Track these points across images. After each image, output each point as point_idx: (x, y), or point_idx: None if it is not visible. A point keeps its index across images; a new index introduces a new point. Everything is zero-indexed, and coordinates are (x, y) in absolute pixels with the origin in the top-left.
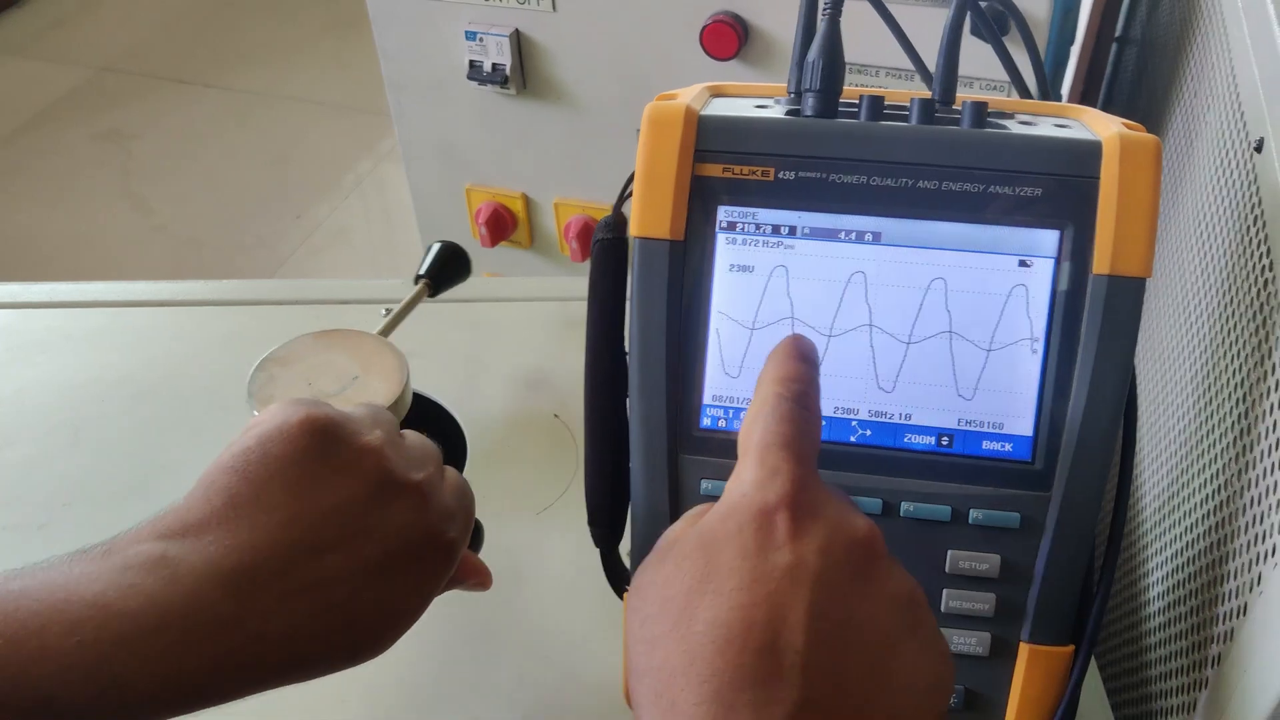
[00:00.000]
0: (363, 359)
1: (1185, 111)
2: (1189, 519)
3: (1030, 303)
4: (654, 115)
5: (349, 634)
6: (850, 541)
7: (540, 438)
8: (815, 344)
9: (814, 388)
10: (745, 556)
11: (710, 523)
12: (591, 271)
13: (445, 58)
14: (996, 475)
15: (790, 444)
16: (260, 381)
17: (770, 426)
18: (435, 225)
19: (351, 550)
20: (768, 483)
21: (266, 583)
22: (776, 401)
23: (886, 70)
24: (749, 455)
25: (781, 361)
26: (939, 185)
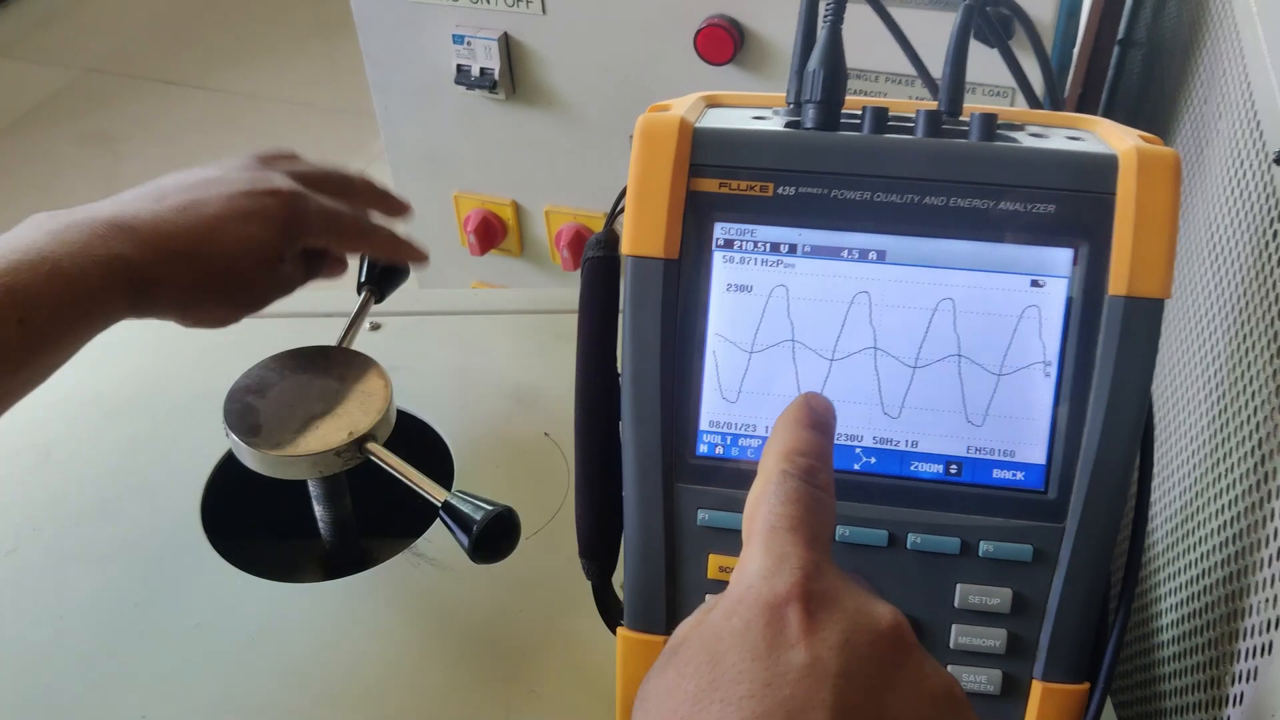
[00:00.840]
0: (341, 376)
1: (1195, 119)
2: (1203, 547)
3: (1043, 325)
4: (646, 127)
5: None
6: (875, 633)
7: (530, 457)
8: (831, 404)
9: (825, 460)
10: (755, 658)
11: (714, 621)
12: (581, 291)
13: (432, 61)
14: (1008, 505)
15: (799, 526)
16: (238, 412)
17: (775, 508)
18: (423, 233)
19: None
20: (775, 571)
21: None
22: (782, 479)
23: (886, 76)
24: (753, 541)
25: (788, 429)
26: (947, 201)
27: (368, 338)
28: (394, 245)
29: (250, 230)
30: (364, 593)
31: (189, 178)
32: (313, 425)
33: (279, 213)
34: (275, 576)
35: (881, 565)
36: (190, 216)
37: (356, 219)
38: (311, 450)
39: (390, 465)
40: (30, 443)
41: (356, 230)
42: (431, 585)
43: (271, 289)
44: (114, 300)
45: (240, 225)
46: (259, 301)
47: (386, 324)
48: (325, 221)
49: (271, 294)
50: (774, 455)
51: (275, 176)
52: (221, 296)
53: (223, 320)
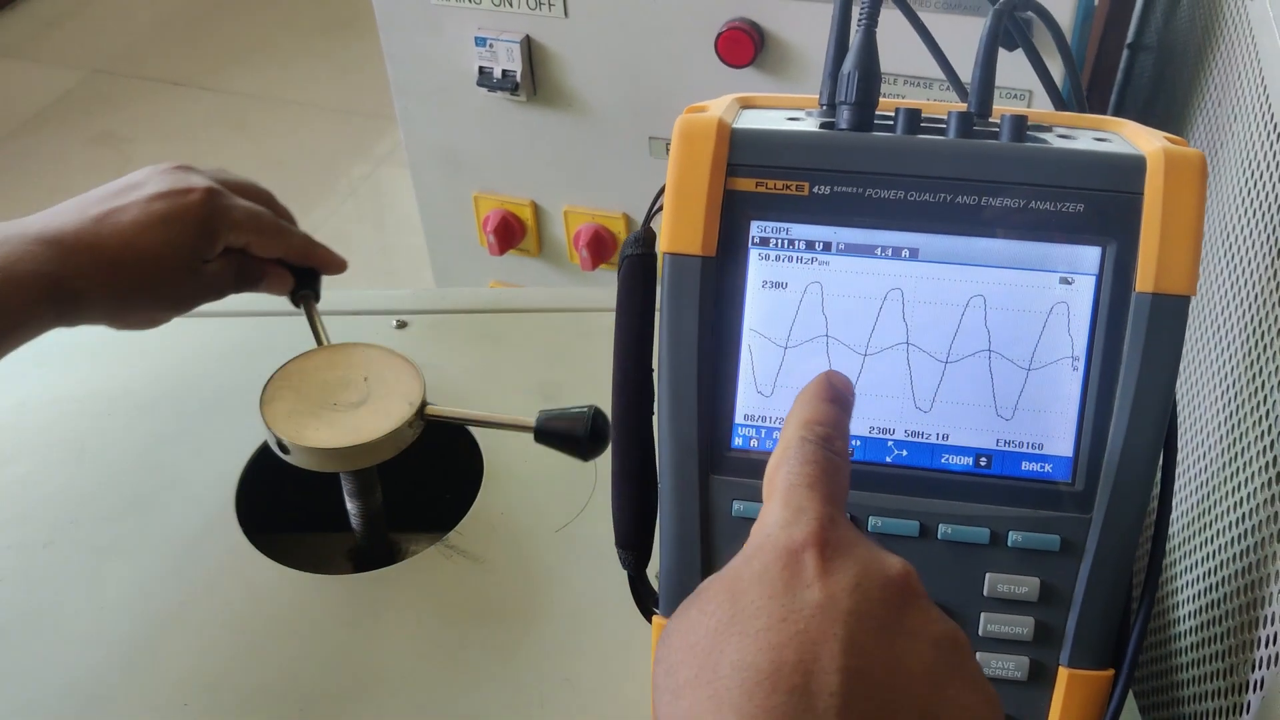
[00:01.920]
0: (376, 373)
1: (1208, 122)
2: (1222, 538)
3: (1071, 321)
4: (685, 129)
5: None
6: (885, 578)
7: (558, 454)
8: (850, 382)
9: (841, 431)
10: (773, 596)
11: (735, 565)
12: (619, 288)
13: (454, 63)
14: (1036, 497)
15: (816, 484)
16: (272, 401)
17: (795, 468)
18: (442, 233)
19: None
20: (794, 522)
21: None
22: (800, 444)
23: (906, 79)
24: (773, 497)
25: (808, 402)
26: (978, 200)
27: (394, 335)
28: (313, 248)
29: (169, 232)
30: (398, 584)
31: (111, 187)
32: (365, 412)
33: (196, 211)
34: (308, 569)
35: (913, 555)
36: (110, 225)
37: (274, 219)
38: (384, 431)
39: (460, 416)
40: (63, 438)
41: (275, 229)
42: (463, 577)
43: (197, 290)
44: (41, 314)
45: (158, 228)
46: (185, 302)
47: (413, 322)
48: (243, 219)
49: (198, 295)
50: (794, 424)
51: (193, 177)
52: (147, 300)
53: (151, 322)
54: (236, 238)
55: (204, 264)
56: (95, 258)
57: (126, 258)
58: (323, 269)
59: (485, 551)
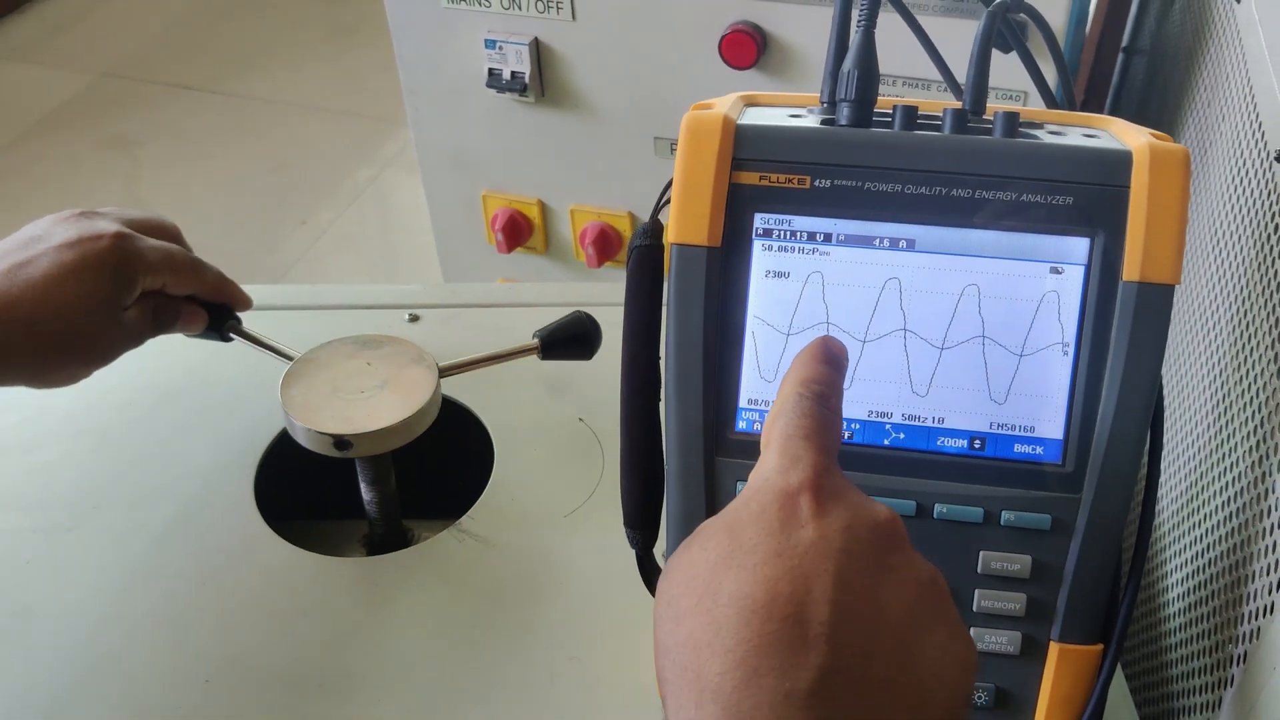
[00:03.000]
0: (393, 365)
1: (1199, 121)
2: (1210, 520)
3: (1061, 308)
4: (692, 124)
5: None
6: (874, 523)
7: (566, 441)
8: (846, 347)
9: (835, 390)
10: (769, 534)
11: (734, 506)
12: (628, 277)
13: (464, 65)
14: (1028, 478)
15: (811, 435)
16: (290, 384)
17: (792, 421)
18: (450, 231)
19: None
20: (790, 468)
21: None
22: (798, 400)
23: (904, 80)
24: (771, 447)
25: (805, 363)
26: (972, 194)
27: (407, 328)
28: (225, 283)
29: (84, 282)
30: (411, 567)
31: (16, 240)
32: (389, 393)
33: (109, 258)
34: (325, 553)
35: (910, 533)
36: (21, 282)
37: (186, 255)
38: (421, 402)
39: (470, 361)
40: (85, 428)
41: (189, 266)
42: (475, 561)
43: (117, 339)
44: None
45: (72, 280)
46: (107, 354)
47: (424, 316)
48: (158, 259)
49: (119, 344)
50: (791, 382)
51: (99, 223)
52: (68, 357)
53: (73, 378)
54: (153, 279)
55: (123, 311)
56: (11, 315)
57: (43, 315)
58: (234, 305)
59: (496, 535)
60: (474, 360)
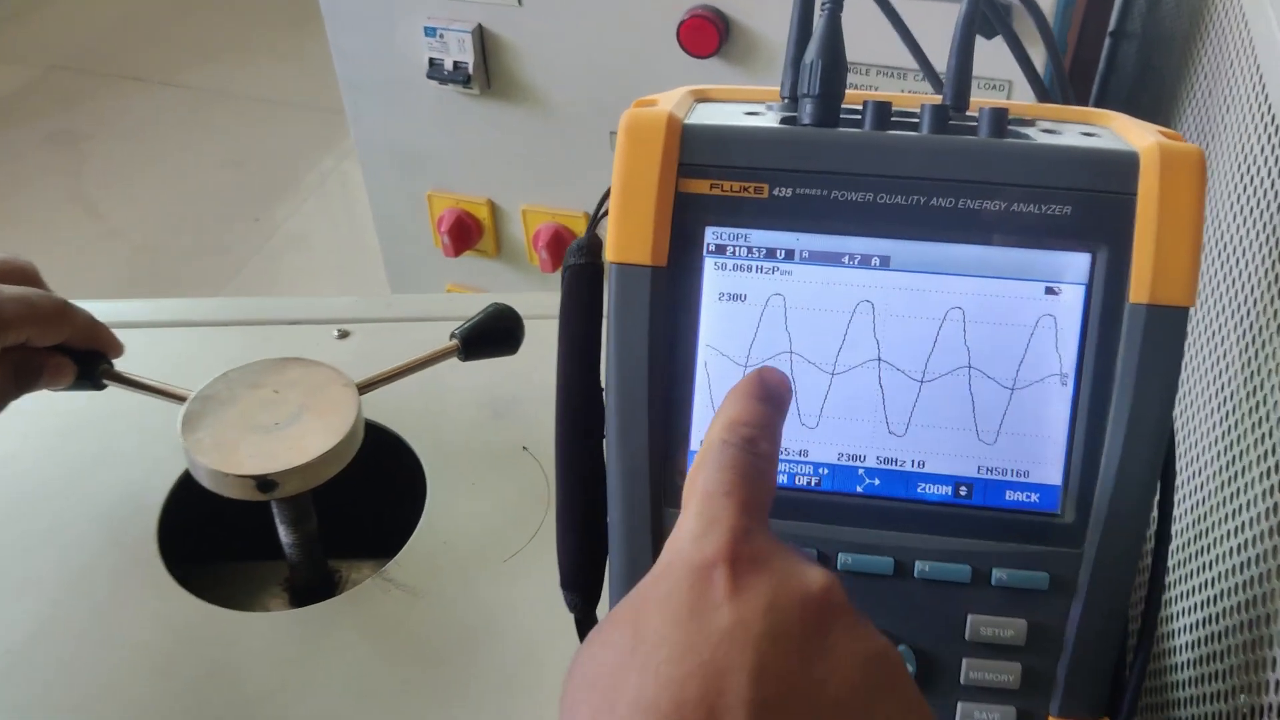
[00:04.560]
0: (306, 389)
1: (1198, 113)
2: (1219, 566)
3: (1059, 335)
4: (631, 125)
5: None
6: (803, 595)
7: (508, 473)
8: (787, 379)
9: (769, 432)
10: (677, 622)
11: (642, 587)
12: (562, 301)
13: (403, 55)
14: (1022, 530)
15: (733, 491)
16: (192, 420)
17: (711, 475)
18: (395, 234)
19: None
20: (705, 535)
21: None
22: (721, 447)
23: (878, 69)
24: (688, 508)
25: (735, 401)
26: (955, 203)
27: (335, 346)
28: (96, 328)
29: None
30: (331, 622)
31: None
32: (309, 420)
33: None
34: (237, 604)
35: (887, 595)
36: None
37: (51, 300)
38: (346, 425)
39: (393, 373)
40: None
41: (55, 313)
42: (403, 613)
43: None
44: None
45: None
46: None
47: (355, 331)
48: (18, 311)
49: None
50: (717, 425)
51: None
52: None
53: None
54: (14, 334)
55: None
56: None
57: None
58: (106, 351)
59: (427, 583)
60: (392, 372)
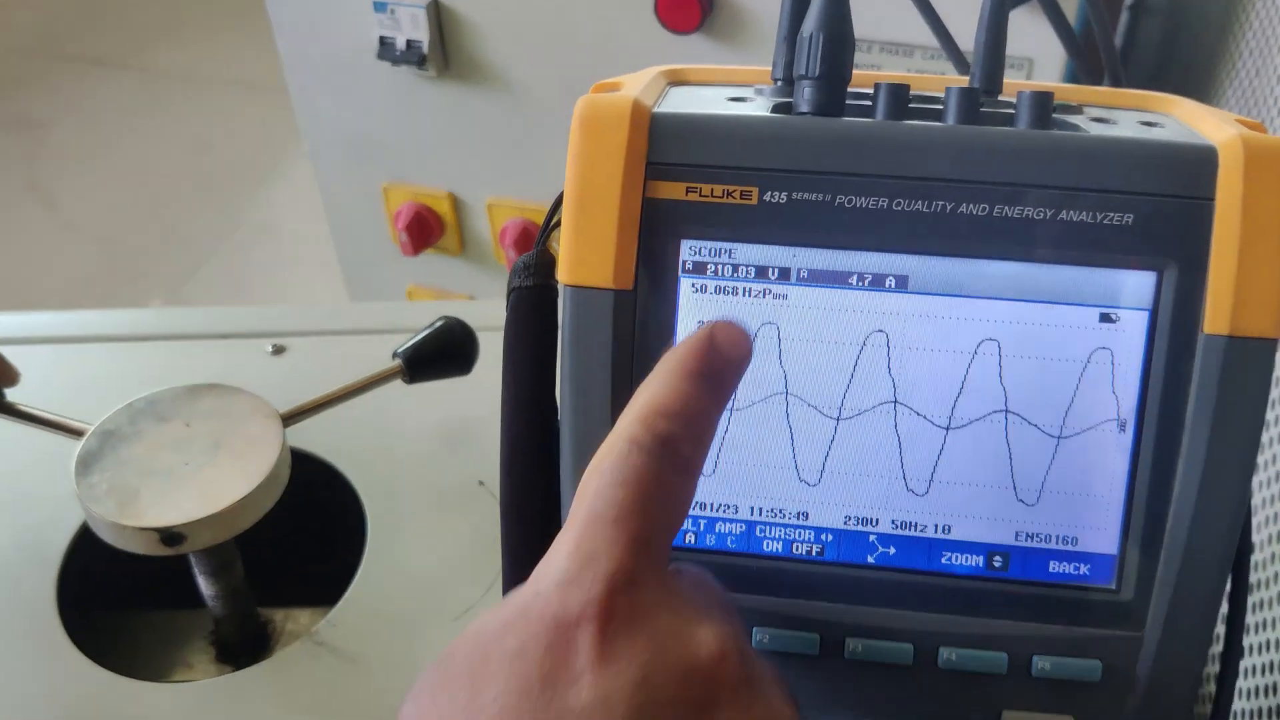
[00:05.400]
0: (222, 422)
1: (1243, 95)
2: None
3: (1116, 372)
4: (587, 114)
5: None
6: (685, 667)
7: (460, 512)
8: (747, 337)
9: (696, 427)
10: (524, 693)
11: (488, 631)
12: (506, 330)
13: (351, 34)
14: (1069, 609)
15: (625, 518)
16: (88, 460)
17: (604, 489)
18: (349, 230)
19: None
20: (576, 578)
21: None
22: (626, 450)
23: (882, 45)
24: (568, 530)
25: (660, 380)
26: (989, 210)
27: (267, 365)
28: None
29: None
30: (253, 692)
31: None
32: (223, 460)
33: None
34: (156, 661)
35: (906, 689)
36: None
37: None
38: (267, 466)
39: (324, 401)
40: None
41: None
42: (338, 681)
43: None
44: None
45: None
46: None
47: (291, 346)
48: None
49: None
50: (632, 412)
51: None
52: None
53: None
54: None
55: None
56: None
57: None
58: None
59: (366, 646)
60: (324, 399)
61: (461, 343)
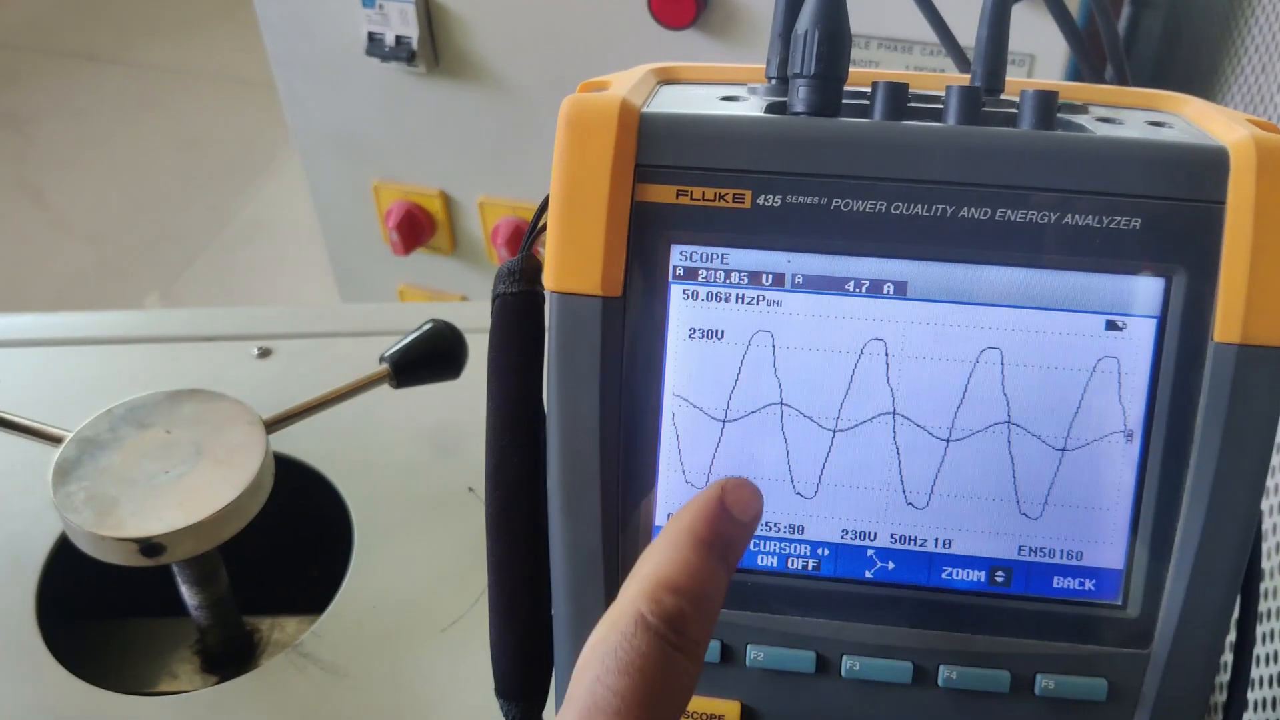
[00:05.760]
0: (203, 429)
1: (1248, 92)
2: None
3: (1124, 382)
4: (574, 114)
5: None
6: None
7: (449, 520)
8: (758, 499)
9: (706, 604)
10: None
11: None
12: (491, 339)
13: (339, 29)
14: (1074, 626)
15: (627, 711)
16: (66, 468)
17: (604, 676)
18: (340, 229)
19: None
20: None
21: None
22: (632, 630)
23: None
24: (566, 714)
25: (668, 548)
26: (991, 214)
27: (253, 368)
28: None
29: None
30: (236, 708)
31: None
32: (205, 467)
33: None
34: (140, 671)
35: (904, 709)
36: None
37: None
38: (250, 474)
39: (310, 406)
40: None
41: None
42: (323, 695)
43: None
44: None
45: None
46: None
47: (278, 349)
48: None
49: None
50: (636, 584)
51: None
52: None
53: None
54: None
55: None
56: None
57: None
58: None
59: (351, 659)
60: (310, 404)
61: (450, 346)
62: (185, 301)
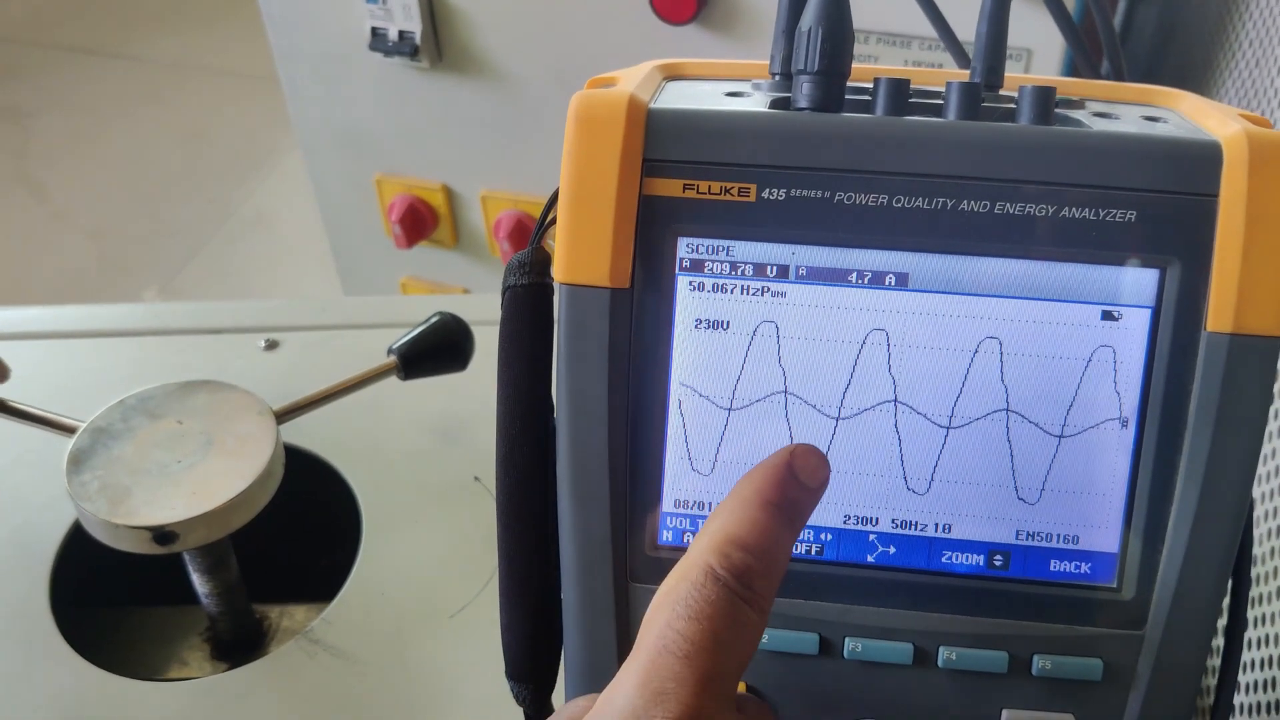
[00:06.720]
0: (214, 419)
1: (1241, 85)
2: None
3: (1119, 370)
4: (583, 110)
5: None
6: None
7: (456, 509)
8: (822, 467)
9: (773, 561)
10: None
11: None
12: (501, 330)
13: (342, 24)
14: (1070, 608)
15: (696, 654)
16: (80, 458)
17: (675, 621)
18: (343, 222)
19: None
20: (644, 715)
21: None
22: (702, 580)
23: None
24: (635, 659)
25: (738, 507)
26: (990, 207)
27: (261, 360)
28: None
29: None
30: (246, 692)
31: None
32: (216, 457)
33: None
34: (151, 658)
35: (905, 689)
36: None
37: None
38: (261, 463)
39: (319, 397)
40: None
41: None
42: (332, 681)
43: None
44: None
45: None
46: None
47: (285, 341)
48: None
49: None
50: (706, 539)
51: None
52: None
53: None
54: None
55: None
56: None
57: None
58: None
59: (360, 645)
60: (319, 395)
61: (457, 339)
62: (186, 295)
